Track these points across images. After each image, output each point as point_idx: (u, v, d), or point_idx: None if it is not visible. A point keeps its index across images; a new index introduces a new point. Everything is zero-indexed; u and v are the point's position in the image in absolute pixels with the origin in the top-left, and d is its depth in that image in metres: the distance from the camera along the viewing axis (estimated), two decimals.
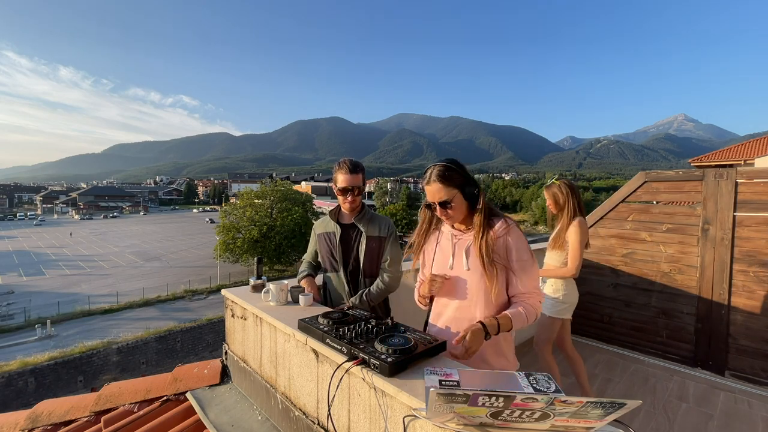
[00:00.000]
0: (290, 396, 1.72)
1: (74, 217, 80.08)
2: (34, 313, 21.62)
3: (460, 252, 1.51)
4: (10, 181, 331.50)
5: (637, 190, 3.74)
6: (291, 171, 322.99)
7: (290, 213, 32.40)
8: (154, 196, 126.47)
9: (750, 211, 3.08)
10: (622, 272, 3.82)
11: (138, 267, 33.76)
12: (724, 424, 2.62)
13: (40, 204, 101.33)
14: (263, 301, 2.01)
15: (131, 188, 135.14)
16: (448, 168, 1.44)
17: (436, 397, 0.86)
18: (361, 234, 2.06)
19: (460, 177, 1.45)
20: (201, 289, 27.18)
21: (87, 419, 2.18)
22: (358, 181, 2.02)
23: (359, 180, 2.02)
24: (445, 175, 1.43)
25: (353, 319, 1.57)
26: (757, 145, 15.40)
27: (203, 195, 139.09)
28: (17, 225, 66.30)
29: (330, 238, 2.13)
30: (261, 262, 2.34)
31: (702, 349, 3.31)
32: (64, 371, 16.20)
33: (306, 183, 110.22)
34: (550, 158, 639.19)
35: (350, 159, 2.05)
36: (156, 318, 22.04)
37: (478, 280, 1.45)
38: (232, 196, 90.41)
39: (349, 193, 2.00)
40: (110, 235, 51.87)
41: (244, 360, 2.15)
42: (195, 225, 64.61)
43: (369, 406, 1.28)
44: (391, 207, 56.30)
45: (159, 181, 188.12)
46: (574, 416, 0.85)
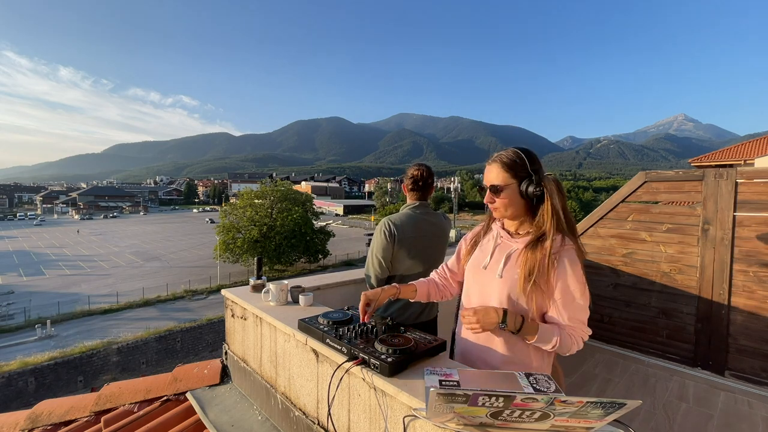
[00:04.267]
0: (290, 396, 1.72)
1: (74, 217, 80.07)
2: (34, 313, 21.59)
3: (500, 255, 1.32)
4: (10, 181, 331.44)
5: (637, 190, 3.74)
6: (291, 171, 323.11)
7: (290, 213, 32.39)
8: (154, 196, 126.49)
9: (750, 211, 3.08)
10: (622, 272, 3.82)
11: (138, 267, 33.74)
12: (724, 424, 2.62)
13: (40, 204, 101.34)
14: (263, 301, 2.01)
15: (131, 188, 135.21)
16: (517, 155, 1.27)
17: (436, 397, 0.86)
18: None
19: (523, 167, 1.26)
20: (201, 289, 27.16)
21: (87, 419, 2.18)
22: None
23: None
24: (507, 160, 1.27)
25: (353, 319, 1.58)
26: (757, 145, 15.40)
27: (203, 195, 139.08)
28: (17, 225, 66.27)
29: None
30: (261, 262, 2.34)
31: (702, 349, 3.31)
32: (64, 371, 16.19)
33: (306, 183, 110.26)
34: (550, 158, 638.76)
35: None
36: (156, 318, 22.02)
37: (507, 293, 1.26)
38: (232, 196, 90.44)
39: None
40: (110, 235, 51.84)
41: (244, 360, 2.15)
42: (195, 225, 64.58)
43: (369, 406, 1.28)
44: (391, 207, 56.31)
45: (159, 181, 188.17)
46: (574, 416, 0.85)
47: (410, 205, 2.18)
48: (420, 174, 2.14)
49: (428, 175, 2.18)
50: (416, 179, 2.15)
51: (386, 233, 2.08)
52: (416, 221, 2.11)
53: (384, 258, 2.10)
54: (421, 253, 2.11)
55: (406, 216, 2.13)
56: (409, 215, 2.13)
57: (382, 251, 2.09)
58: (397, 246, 2.07)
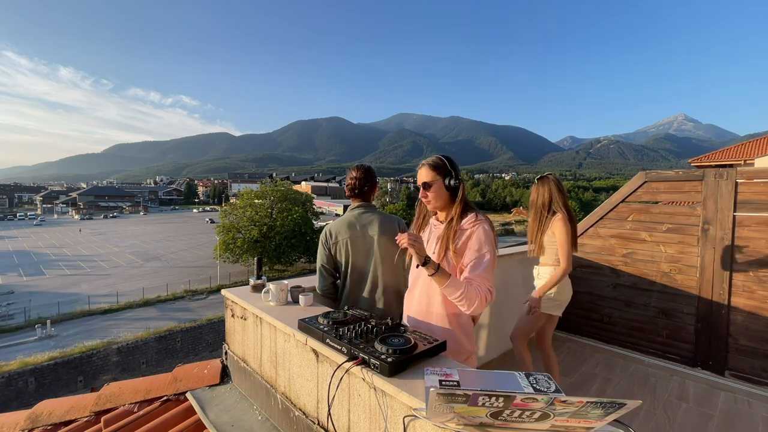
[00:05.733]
0: (290, 396, 1.72)
1: (74, 217, 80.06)
2: (34, 313, 21.61)
3: (433, 239, 1.67)
4: (10, 181, 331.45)
5: (637, 190, 3.74)
6: (291, 171, 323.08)
7: (290, 213, 32.41)
8: (154, 196, 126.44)
9: (750, 211, 3.08)
10: (622, 272, 3.82)
11: (138, 267, 33.75)
12: (724, 424, 2.62)
13: (40, 204, 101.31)
14: (263, 301, 2.01)
15: (131, 188, 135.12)
16: (439, 158, 1.65)
17: (436, 397, 0.86)
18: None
19: (445, 168, 1.63)
20: (201, 289, 27.18)
21: (87, 419, 2.18)
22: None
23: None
24: (432, 163, 1.64)
25: (353, 319, 1.58)
26: (757, 145, 15.40)
27: (203, 195, 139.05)
28: (17, 225, 66.24)
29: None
30: (261, 262, 2.34)
31: (702, 349, 3.31)
32: (64, 371, 16.20)
33: (306, 183, 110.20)
34: (550, 158, 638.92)
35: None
36: (156, 318, 22.04)
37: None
38: (232, 196, 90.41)
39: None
40: (110, 235, 51.85)
41: (244, 360, 2.15)
42: (195, 225, 64.60)
43: (369, 406, 1.28)
44: (391, 207, 56.31)
45: (159, 181, 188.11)
46: (574, 416, 0.85)
47: (351, 207, 2.24)
48: (354, 183, 2.19)
49: (364, 181, 2.20)
50: (352, 187, 2.20)
51: (322, 241, 2.17)
52: (350, 222, 2.14)
53: (325, 265, 2.16)
54: (359, 249, 2.12)
55: (342, 220, 2.17)
56: (344, 218, 2.18)
57: (321, 259, 2.18)
58: (334, 249, 2.14)
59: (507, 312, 3.46)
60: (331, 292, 2.22)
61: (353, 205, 2.22)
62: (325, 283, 2.19)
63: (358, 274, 2.11)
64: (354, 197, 2.22)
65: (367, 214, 2.16)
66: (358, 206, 2.19)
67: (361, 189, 2.20)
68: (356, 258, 2.11)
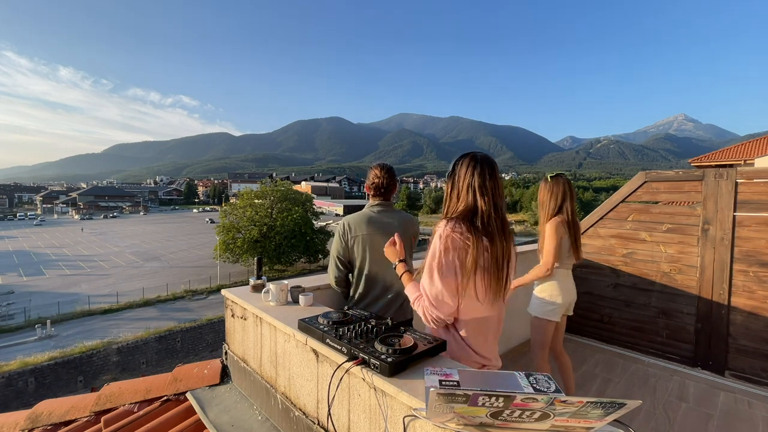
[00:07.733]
0: (290, 396, 1.72)
1: (74, 217, 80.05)
2: (34, 313, 21.61)
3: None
4: (10, 181, 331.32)
5: (637, 190, 3.74)
6: (291, 171, 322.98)
7: (290, 213, 32.39)
8: (154, 196, 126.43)
9: (750, 211, 3.08)
10: (622, 272, 3.82)
11: (138, 267, 33.75)
12: (724, 424, 2.62)
13: (40, 204, 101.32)
14: (263, 301, 2.01)
15: (131, 188, 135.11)
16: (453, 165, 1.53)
17: (436, 397, 0.86)
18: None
19: (451, 174, 1.51)
20: (201, 289, 27.17)
21: (87, 419, 2.18)
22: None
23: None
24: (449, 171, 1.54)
25: (353, 319, 1.58)
26: (757, 145, 15.40)
27: (203, 195, 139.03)
28: (17, 225, 66.26)
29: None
30: (261, 262, 2.34)
31: (702, 349, 3.31)
32: (64, 371, 16.20)
33: (306, 183, 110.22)
34: (550, 158, 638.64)
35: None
36: (156, 318, 22.03)
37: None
38: (232, 196, 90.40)
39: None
40: (110, 235, 51.85)
41: (244, 360, 2.15)
42: (195, 225, 64.59)
43: (369, 406, 1.28)
44: None
45: (159, 181, 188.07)
46: (574, 416, 0.85)
47: (371, 204, 2.24)
48: (381, 182, 2.20)
49: (389, 180, 2.21)
50: (378, 186, 2.20)
51: (340, 233, 2.16)
52: (370, 219, 2.14)
53: (340, 257, 2.16)
54: (377, 248, 2.11)
55: (362, 215, 2.18)
56: (365, 214, 2.18)
57: (336, 251, 2.17)
58: (351, 243, 2.13)
59: (507, 312, 3.46)
60: (345, 284, 2.24)
61: (373, 202, 2.22)
62: (339, 274, 2.19)
63: (372, 273, 2.10)
64: (376, 195, 2.22)
65: (387, 213, 2.17)
66: (379, 204, 2.19)
67: (387, 188, 2.21)
68: (373, 256, 2.10)
